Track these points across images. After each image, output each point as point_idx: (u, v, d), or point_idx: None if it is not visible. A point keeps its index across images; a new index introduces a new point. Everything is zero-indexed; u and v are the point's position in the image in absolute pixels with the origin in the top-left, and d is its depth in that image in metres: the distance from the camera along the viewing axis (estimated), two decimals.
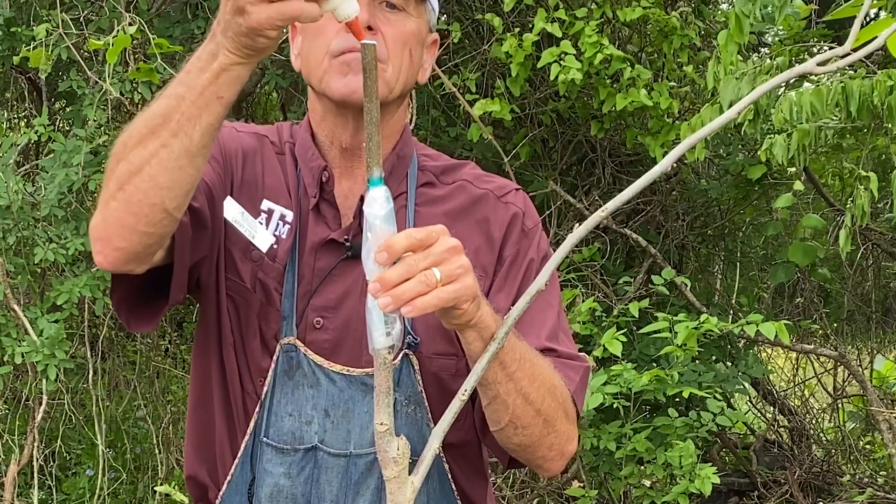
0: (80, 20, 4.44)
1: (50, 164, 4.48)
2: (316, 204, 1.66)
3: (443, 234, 1.34)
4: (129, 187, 1.39)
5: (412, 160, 1.72)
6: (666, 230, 5.55)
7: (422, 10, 1.64)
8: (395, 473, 1.29)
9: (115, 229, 1.43)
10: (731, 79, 3.84)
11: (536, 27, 4.38)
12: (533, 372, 1.52)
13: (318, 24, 1.51)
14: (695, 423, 4.37)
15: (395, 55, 1.60)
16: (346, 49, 1.57)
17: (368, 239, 1.27)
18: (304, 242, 1.66)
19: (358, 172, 1.67)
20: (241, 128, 1.76)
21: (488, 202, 1.70)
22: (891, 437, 5.06)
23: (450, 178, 1.73)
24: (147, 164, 1.38)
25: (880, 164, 5.04)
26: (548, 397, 1.54)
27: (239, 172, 1.68)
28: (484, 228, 1.68)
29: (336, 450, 1.63)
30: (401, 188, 1.69)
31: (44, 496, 5.06)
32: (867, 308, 6.39)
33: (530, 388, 1.51)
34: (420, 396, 1.64)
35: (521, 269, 1.68)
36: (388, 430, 1.29)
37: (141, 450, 5.63)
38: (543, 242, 1.73)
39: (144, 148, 1.38)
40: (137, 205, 1.40)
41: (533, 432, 1.55)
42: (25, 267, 4.49)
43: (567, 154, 5.33)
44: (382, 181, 1.26)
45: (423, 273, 1.30)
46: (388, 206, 1.26)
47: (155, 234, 1.43)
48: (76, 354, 4.99)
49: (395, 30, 1.59)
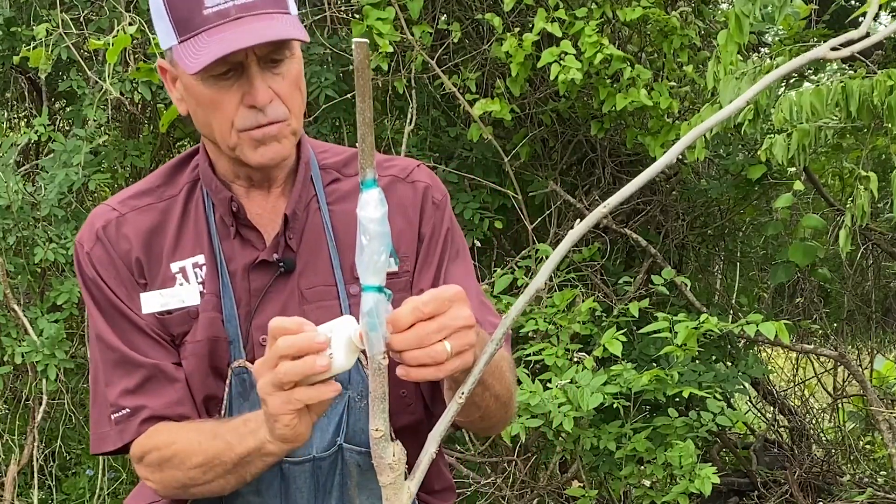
0: (80, 20, 4.44)
1: (50, 164, 4.48)
2: (236, 230, 1.70)
3: (457, 303, 1.34)
4: (194, 492, 1.65)
5: (312, 161, 1.75)
6: (666, 230, 5.54)
7: (293, 43, 1.63)
8: (391, 479, 1.29)
9: (172, 496, 1.70)
10: (731, 79, 3.83)
11: (536, 27, 4.38)
12: (501, 372, 1.58)
13: (214, 98, 1.58)
14: (695, 423, 4.37)
15: (293, 105, 1.63)
16: (252, 126, 1.60)
17: (363, 243, 1.25)
18: (232, 267, 1.69)
19: (264, 194, 1.71)
20: (128, 204, 1.75)
21: (396, 187, 1.73)
22: (891, 437, 5.06)
23: (352, 170, 1.75)
24: (207, 489, 1.62)
25: (880, 164, 5.04)
26: (511, 386, 1.64)
27: (137, 276, 1.70)
28: (401, 213, 1.71)
29: (299, 458, 1.66)
30: (310, 192, 1.72)
31: (44, 496, 5.06)
32: (867, 308, 6.39)
33: (500, 387, 1.58)
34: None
35: (440, 242, 1.72)
36: (384, 437, 1.28)
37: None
38: (450, 212, 1.78)
39: (204, 476, 1.60)
40: (196, 496, 1.66)
41: (496, 419, 1.65)
42: (25, 267, 4.49)
43: (567, 154, 5.33)
44: (376, 183, 1.24)
45: (432, 348, 1.31)
46: (383, 209, 1.24)
47: None
48: (76, 354, 4.99)
49: (286, 83, 1.61)
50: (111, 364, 1.70)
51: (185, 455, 1.60)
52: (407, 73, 4.62)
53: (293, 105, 1.63)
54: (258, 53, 1.58)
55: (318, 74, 4.61)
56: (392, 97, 4.93)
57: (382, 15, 4.24)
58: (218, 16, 1.55)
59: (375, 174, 1.24)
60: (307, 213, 1.71)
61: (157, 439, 1.65)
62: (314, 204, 1.72)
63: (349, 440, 1.69)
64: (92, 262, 1.71)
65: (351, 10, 4.69)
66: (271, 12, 1.58)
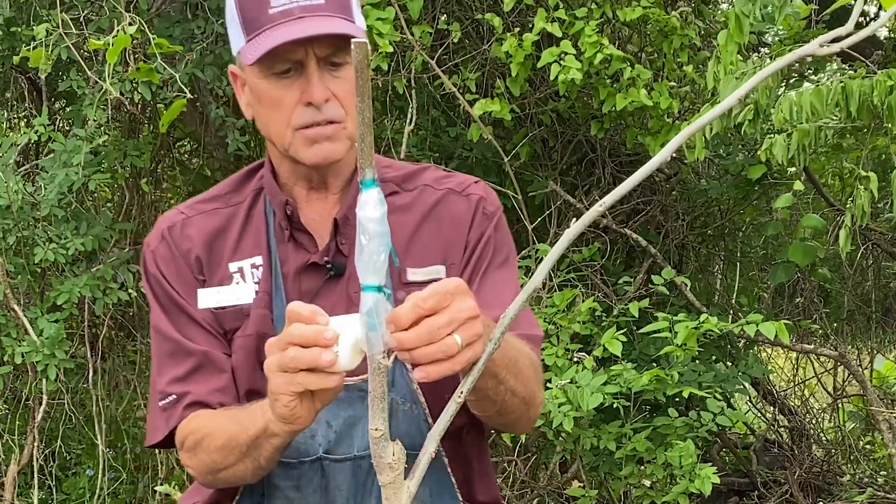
0: (80, 20, 4.44)
1: (50, 164, 4.48)
2: (290, 234, 1.75)
3: (459, 295, 1.34)
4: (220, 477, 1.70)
5: None
6: (666, 230, 5.54)
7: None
8: (390, 479, 1.29)
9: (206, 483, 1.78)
10: (731, 79, 3.83)
11: (536, 27, 4.38)
12: (518, 368, 1.58)
13: (274, 96, 1.65)
14: (695, 423, 4.37)
15: (350, 109, 1.66)
16: (308, 124, 1.66)
17: (362, 242, 1.24)
18: (286, 269, 1.74)
19: (322, 198, 1.77)
20: (195, 208, 1.84)
21: (451, 199, 1.78)
22: (891, 437, 5.06)
23: (411, 185, 1.80)
24: (230, 474, 1.66)
25: (880, 164, 5.04)
26: (530, 382, 1.63)
27: (196, 273, 1.78)
28: (451, 224, 1.76)
29: (341, 456, 1.70)
30: None
31: (44, 496, 5.06)
32: (867, 308, 6.39)
33: (515, 382, 1.58)
34: (415, 394, 1.71)
35: (484, 250, 1.75)
36: (383, 436, 1.28)
37: (141, 450, 5.63)
38: (504, 226, 1.80)
39: (224, 459, 1.64)
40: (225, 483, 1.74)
41: (515, 414, 1.65)
42: (25, 267, 4.49)
43: (567, 154, 5.33)
44: (376, 183, 1.24)
45: (443, 342, 1.31)
46: (382, 209, 1.24)
47: None
48: (76, 354, 4.99)
49: (345, 86, 1.65)
50: (165, 354, 1.78)
51: (210, 438, 1.65)
52: (407, 73, 4.62)
53: (350, 108, 1.66)
54: (318, 54, 1.63)
55: None
56: (392, 97, 4.93)
57: (382, 15, 4.24)
58: (282, 14, 1.62)
59: (375, 174, 1.24)
60: None
61: (193, 424, 1.71)
62: None
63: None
64: (155, 259, 1.81)
65: None
66: (334, 15, 1.64)
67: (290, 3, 1.62)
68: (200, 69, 4.62)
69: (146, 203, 5.69)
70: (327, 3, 1.64)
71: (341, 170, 1.76)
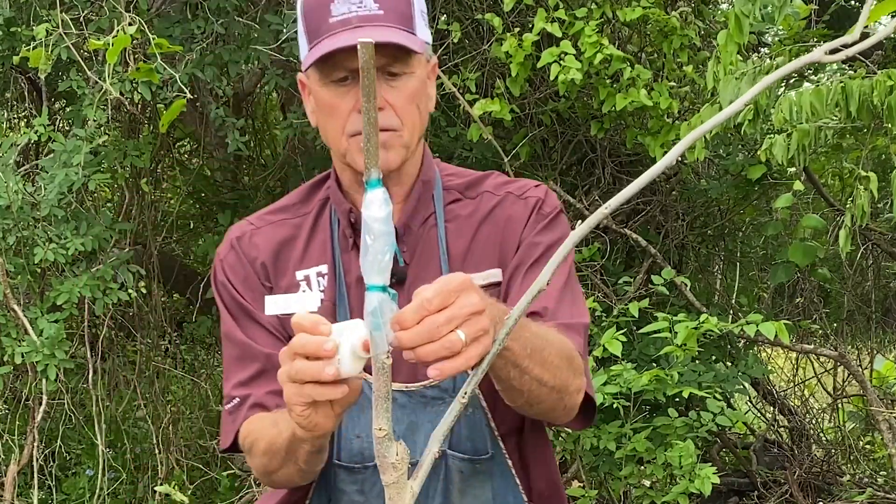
0: (80, 20, 4.44)
1: (50, 164, 4.48)
2: (354, 242, 1.77)
3: (464, 291, 1.33)
4: (273, 479, 1.72)
5: (436, 182, 1.82)
6: (666, 230, 5.54)
7: (420, 58, 1.70)
8: (394, 479, 1.29)
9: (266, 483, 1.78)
10: (731, 79, 3.84)
11: (536, 27, 4.38)
12: (543, 357, 1.55)
13: (331, 103, 1.68)
14: (695, 423, 4.37)
15: (407, 119, 1.69)
16: (360, 131, 1.67)
17: (367, 242, 1.24)
18: (349, 279, 1.77)
19: None
20: (264, 219, 1.88)
21: (508, 202, 1.80)
22: (891, 437, 5.06)
23: (474, 192, 1.83)
24: (280, 476, 1.68)
25: (880, 164, 5.04)
26: (560, 371, 1.60)
27: (263, 280, 1.81)
28: (507, 227, 1.78)
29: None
30: (429, 209, 1.80)
31: (44, 496, 5.06)
32: (867, 308, 6.39)
33: (543, 372, 1.56)
34: (477, 399, 1.74)
35: (532, 245, 1.77)
36: (387, 436, 1.28)
37: (141, 450, 5.63)
38: (562, 226, 1.81)
39: (270, 463, 1.67)
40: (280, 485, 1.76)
41: (547, 403, 1.62)
42: (25, 267, 4.49)
43: (567, 154, 5.33)
44: (381, 182, 1.23)
45: (446, 339, 1.30)
46: (387, 209, 1.24)
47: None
48: (76, 354, 4.99)
49: (401, 96, 1.68)
50: (233, 359, 1.81)
51: (258, 442, 1.68)
52: None
53: (406, 118, 1.69)
54: (374, 64, 1.63)
55: None
56: None
57: None
58: (340, 24, 1.65)
59: (380, 174, 1.24)
60: (423, 229, 1.79)
61: (249, 427, 1.74)
62: (432, 220, 1.79)
63: (453, 447, 1.75)
64: (223, 268, 1.83)
65: None
66: (392, 26, 1.66)
67: (349, 12, 1.65)
68: (200, 69, 4.62)
69: (146, 203, 5.69)
70: (387, 14, 1.66)
71: (402, 179, 1.77)
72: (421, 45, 1.68)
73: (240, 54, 4.75)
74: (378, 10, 1.65)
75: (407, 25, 1.67)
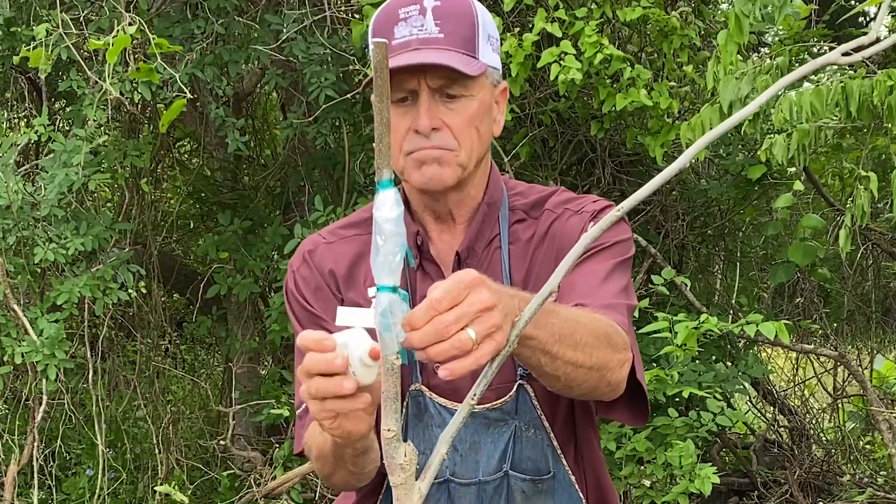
0: (80, 20, 4.44)
1: (50, 164, 4.48)
2: (419, 264, 1.80)
3: (474, 289, 1.32)
4: (332, 483, 1.75)
5: (503, 202, 1.84)
6: (666, 230, 5.54)
7: (483, 81, 1.72)
8: (402, 480, 1.29)
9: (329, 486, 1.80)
10: (731, 79, 3.84)
11: (536, 27, 4.38)
12: (575, 340, 1.53)
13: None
14: (695, 423, 4.37)
15: (464, 140, 1.71)
16: (415, 149, 1.71)
17: (378, 243, 1.24)
18: (415, 299, 1.77)
19: (450, 229, 1.82)
20: (336, 234, 1.90)
21: (564, 218, 1.81)
22: (891, 437, 5.06)
23: (537, 212, 1.84)
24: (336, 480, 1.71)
25: (880, 164, 5.04)
26: (597, 350, 1.56)
27: (335, 290, 1.84)
28: (562, 242, 1.78)
29: (466, 480, 1.77)
30: (494, 231, 1.81)
31: (44, 496, 5.06)
32: (867, 308, 6.39)
33: (577, 354, 1.53)
34: (539, 420, 1.76)
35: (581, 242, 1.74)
36: (395, 437, 1.28)
37: (141, 450, 5.63)
38: (618, 227, 1.78)
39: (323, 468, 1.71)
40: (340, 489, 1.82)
41: (588, 384, 1.59)
42: (25, 267, 4.50)
43: (567, 154, 5.33)
44: (392, 183, 1.23)
45: (455, 338, 1.29)
46: (399, 209, 1.23)
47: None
48: (76, 354, 5.00)
49: (459, 118, 1.70)
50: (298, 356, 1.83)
51: (311, 449, 1.73)
52: None
53: (463, 139, 1.71)
54: (431, 85, 1.69)
55: (318, 74, 4.61)
56: None
57: None
58: (401, 46, 1.68)
59: (391, 174, 1.23)
60: (487, 251, 1.81)
61: (307, 434, 1.77)
62: (496, 242, 1.80)
63: (515, 467, 1.77)
64: (296, 279, 1.86)
65: (351, 10, 4.69)
66: (451, 49, 1.68)
67: (410, 35, 1.68)
68: (200, 69, 4.62)
69: (146, 203, 5.69)
70: (447, 38, 1.68)
71: (465, 201, 1.79)
72: (479, 68, 1.70)
73: (240, 54, 4.75)
74: (438, 34, 1.68)
75: (467, 49, 1.69)
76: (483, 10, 1.75)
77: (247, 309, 5.72)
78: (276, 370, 5.73)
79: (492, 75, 1.75)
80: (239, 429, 5.52)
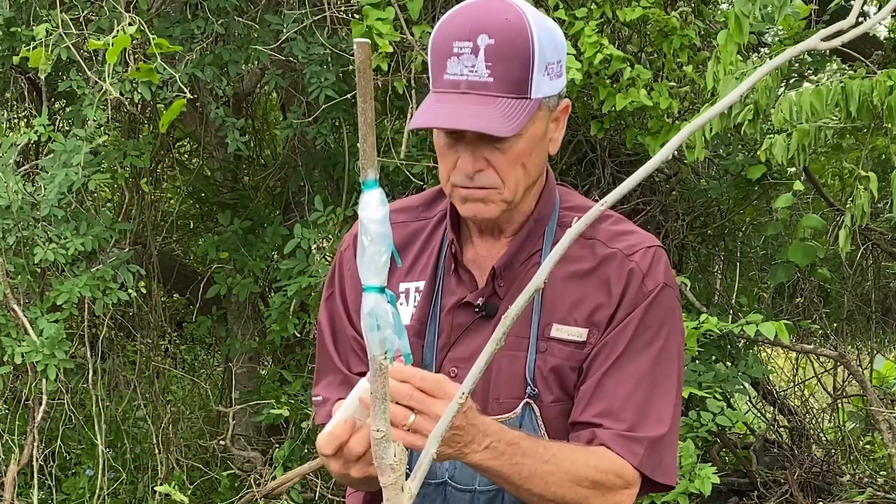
0: (80, 20, 4.44)
1: (50, 164, 4.48)
2: (454, 269, 1.81)
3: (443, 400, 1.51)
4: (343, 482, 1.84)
5: (552, 218, 1.81)
6: (666, 230, 5.54)
7: (534, 115, 1.68)
8: (392, 480, 1.29)
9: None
10: (731, 79, 3.84)
11: None
12: (546, 483, 1.65)
13: (441, 150, 1.72)
14: (695, 423, 4.37)
15: (508, 179, 1.70)
16: (460, 185, 1.72)
17: (364, 243, 1.24)
18: (445, 302, 1.81)
19: (495, 238, 1.81)
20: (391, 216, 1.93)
21: (614, 262, 1.77)
22: (891, 437, 5.06)
23: (588, 232, 1.77)
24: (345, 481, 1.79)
25: (880, 164, 5.04)
26: (572, 492, 1.67)
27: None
28: (606, 288, 1.75)
29: (463, 486, 1.79)
30: (536, 246, 1.80)
31: (44, 496, 5.06)
32: (867, 308, 6.39)
33: (545, 491, 1.66)
34: (543, 439, 1.77)
35: (626, 333, 1.74)
36: (385, 437, 1.28)
37: (141, 450, 5.63)
38: (662, 307, 1.76)
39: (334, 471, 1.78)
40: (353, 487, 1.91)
41: None
42: (25, 267, 4.50)
43: (567, 154, 5.33)
44: (377, 184, 1.23)
45: (400, 407, 1.51)
46: (384, 209, 1.23)
47: None
48: (76, 354, 4.99)
49: (505, 158, 1.68)
50: (319, 363, 1.92)
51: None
52: (407, 74, 4.62)
53: (508, 178, 1.70)
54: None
55: (318, 74, 4.61)
56: (392, 97, 4.93)
57: (382, 15, 4.24)
58: (450, 84, 1.66)
59: (376, 175, 1.23)
60: (525, 266, 1.79)
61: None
62: (536, 258, 1.79)
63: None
64: (342, 259, 1.90)
65: (351, 11, 4.69)
66: (499, 96, 1.64)
67: (461, 74, 1.65)
68: (200, 69, 4.62)
69: (146, 203, 5.69)
70: (496, 82, 1.64)
71: (514, 217, 1.78)
72: (520, 123, 1.64)
73: (240, 54, 4.75)
74: (488, 78, 1.63)
75: (518, 91, 1.65)
76: (542, 36, 1.67)
77: (247, 309, 5.71)
78: (275, 370, 5.73)
79: (547, 104, 1.70)
80: (239, 429, 5.51)
